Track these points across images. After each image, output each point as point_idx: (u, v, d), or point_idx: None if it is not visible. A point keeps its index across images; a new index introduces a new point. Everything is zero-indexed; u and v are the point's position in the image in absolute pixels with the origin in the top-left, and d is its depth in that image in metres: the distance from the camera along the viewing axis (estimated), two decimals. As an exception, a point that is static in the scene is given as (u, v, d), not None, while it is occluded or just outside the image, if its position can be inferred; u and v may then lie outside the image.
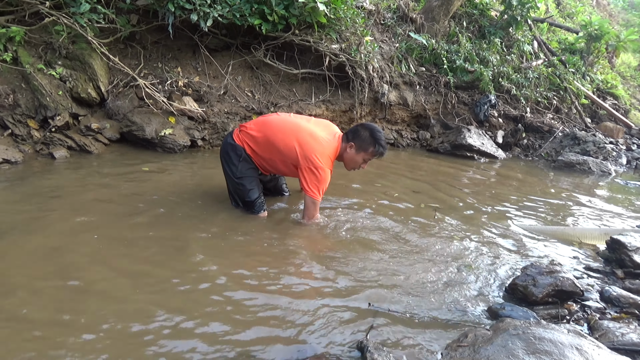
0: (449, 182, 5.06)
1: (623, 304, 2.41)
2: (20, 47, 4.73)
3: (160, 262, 2.53)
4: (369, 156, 3.18)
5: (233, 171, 3.24)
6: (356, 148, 3.13)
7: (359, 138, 3.13)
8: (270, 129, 3.13)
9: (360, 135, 3.13)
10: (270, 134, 3.11)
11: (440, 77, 7.25)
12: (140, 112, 5.11)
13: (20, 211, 3.08)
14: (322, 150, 3.03)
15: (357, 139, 3.13)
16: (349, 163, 3.23)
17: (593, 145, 6.96)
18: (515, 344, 1.67)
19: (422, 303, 2.31)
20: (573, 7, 12.06)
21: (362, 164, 3.23)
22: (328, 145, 3.09)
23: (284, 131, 3.09)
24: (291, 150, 3.03)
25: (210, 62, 5.83)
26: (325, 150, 3.05)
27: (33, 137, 4.61)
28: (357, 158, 3.17)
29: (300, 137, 3.04)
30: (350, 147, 3.14)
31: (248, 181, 3.23)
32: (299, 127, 3.10)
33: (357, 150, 3.13)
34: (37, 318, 1.95)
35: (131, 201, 3.41)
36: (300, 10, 5.48)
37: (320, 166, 2.99)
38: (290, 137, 3.04)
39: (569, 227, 3.82)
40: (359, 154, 3.15)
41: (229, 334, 1.92)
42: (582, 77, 8.89)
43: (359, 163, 3.21)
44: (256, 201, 3.26)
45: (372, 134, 3.12)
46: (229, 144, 3.27)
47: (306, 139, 3.04)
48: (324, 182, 3.03)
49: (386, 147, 3.18)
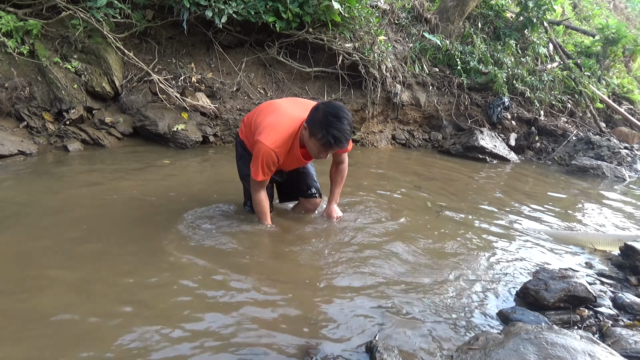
0: (459, 184, 5.03)
1: (636, 312, 2.37)
2: (37, 41, 4.79)
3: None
4: (319, 144, 2.50)
5: (238, 168, 3.08)
6: (308, 132, 2.53)
7: (312, 120, 2.51)
8: (254, 113, 2.85)
9: (314, 116, 2.50)
10: (251, 116, 2.84)
11: (454, 78, 7.21)
12: (153, 107, 5.15)
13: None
14: (273, 127, 2.60)
15: (310, 121, 2.53)
16: (308, 149, 2.65)
17: (607, 150, 6.87)
18: (527, 349, 1.65)
19: (431, 304, 2.30)
20: (590, 10, 11.91)
21: (320, 153, 2.60)
22: (285, 125, 2.62)
23: (260, 109, 2.82)
24: (255, 125, 2.72)
25: (224, 59, 5.85)
26: (278, 129, 2.59)
27: (48, 129, 4.67)
28: (310, 144, 2.57)
29: (265, 112, 2.73)
30: (304, 130, 2.57)
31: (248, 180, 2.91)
32: (272, 105, 2.79)
33: (309, 134, 2.52)
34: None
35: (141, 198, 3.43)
36: (315, 8, 5.48)
37: (261, 140, 2.55)
38: (260, 112, 2.77)
39: (582, 232, 3.78)
40: (310, 139, 2.53)
41: (238, 334, 1.92)
42: (597, 80, 8.78)
43: (315, 152, 2.60)
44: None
45: (324, 117, 2.44)
46: (236, 139, 3.07)
47: (268, 113, 2.70)
48: (264, 159, 2.58)
49: (341, 137, 2.44)
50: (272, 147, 2.55)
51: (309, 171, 3.23)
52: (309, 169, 3.24)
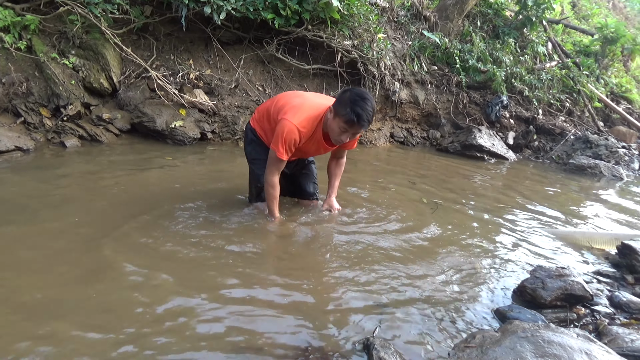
0: (457, 182, 5.03)
1: (633, 310, 2.37)
2: (35, 36, 4.77)
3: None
4: (342, 123, 2.59)
5: (246, 153, 3.13)
6: (334, 113, 2.63)
7: (338, 101, 2.62)
8: (271, 100, 2.94)
9: (341, 98, 2.62)
10: (270, 103, 2.92)
11: (453, 76, 7.21)
12: (151, 103, 5.14)
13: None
14: (299, 108, 2.71)
15: (336, 103, 2.64)
16: (330, 132, 2.72)
17: (605, 149, 6.88)
18: (523, 347, 1.65)
19: (428, 302, 2.30)
20: (589, 9, 11.91)
21: (341, 135, 2.66)
22: (310, 107, 2.74)
23: (280, 97, 2.90)
24: (276, 109, 2.80)
25: (222, 56, 5.83)
26: (302, 109, 2.71)
27: (45, 125, 4.65)
28: (333, 125, 2.64)
29: (288, 97, 2.84)
30: (330, 112, 2.67)
31: (257, 164, 3.02)
32: (295, 93, 2.93)
33: (334, 115, 2.62)
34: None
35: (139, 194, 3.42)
36: (314, 5, 5.47)
37: (286, 118, 2.66)
38: (281, 99, 2.85)
39: (579, 231, 3.78)
40: (335, 119, 2.62)
41: (235, 332, 1.91)
42: (596, 80, 8.78)
43: (336, 132, 2.65)
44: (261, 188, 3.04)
45: (351, 97, 2.56)
46: (246, 126, 3.14)
47: (292, 98, 2.81)
48: (287, 135, 2.65)
49: (364, 115, 2.53)
50: (296, 125, 2.66)
51: (311, 172, 3.37)
52: (312, 169, 3.38)
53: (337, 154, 3.20)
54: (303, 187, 3.36)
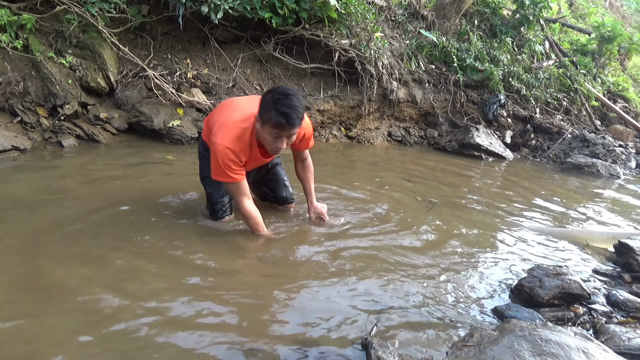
0: (454, 181, 5.04)
1: (630, 309, 2.39)
2: (31, 35, 4.75)
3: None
4: (272, 128, 2.31)
5: (199, 170, 2.91)
6: (260, 121, 2.36)
7: (261, 107, 2.34)
8: (214, 112, 2.72)
9: (263, 103, 2.34)
10: (210, 118, 2.69)
11: (450, 75, 7.21)
12: (148, 102, 5.13)
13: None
14: (225, 124, 2.46)
15: (260, 110, 2.36)
16: (264, 143, 2.47)
17: (602, 147, 6.89)
18: (521, 345, 1.66)
19: (425, 301, 2.30)
20: (586, 8, 11.92)
21: (276, 143, 2.39)
22: (236, 123, 2.46)
23: (218, 109, 2.69)
24: (211, 124, 2.60)
25: (220, 55, 5.83)
26: (228, 127, 2.44)
27: (42, 125, 4.63)
28: (264, 134, 2.38)
29: (219, 112, 2.61)
30: (257, 122, 2.40)
31: (208, 182, 2.80)
32: (227, 105, 2.66)
33: (261, 123, 2.36)
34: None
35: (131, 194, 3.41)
36: (311, 4, 5.47)
37: (215, 142, 2.42)
38: (215, 113, 2.65)
39: (577, 229, 3.80)
40: (263, 127, 2.36)
41: (232, 333, 1.91)
42: (593, 78, 8.80)
43: (270, 141, 2.39)
44: (215, 205, 2.85)
45: (272, 98, 2.28)
46: (199, 139, 2.90)
47: (221, 113, 2.57)
48: (222, 159, 2.41)
49: (291, 113, 2.26)
50: (226, 145, 2.40)
51: (279, 176, 3.14)
52: (279, 172, 3.14)
53: (299, 156, 2.97)
54: (275, 193, 3.17)
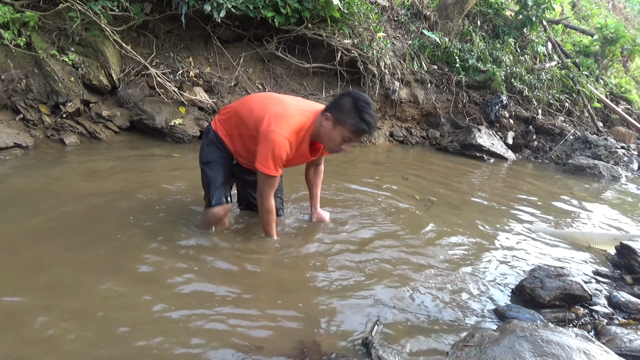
0: (456, 181, 5.03)
1: (631, 310, 2.38)
2: (34, 33, 4.75)
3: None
4: (348, 133, 2.39)
5: (201, 156, 2.75)
6: (333, 121, 2.40)
7: (338, 108, 2.40)
8: (241, 102, 2.66)
9: (340, 104, 2.40)
10: (240, 106, 2.62)
11: (452, 75, 7.20)
12: (150, 101, 5.13)
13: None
14: (284, 116, 2.43)
15: (335, 110, 2.41)
16: (325, 141, 2.50)
17: (604, 149, 6.89)
18: (522, 346, 1.66)
19: (427, 301, 2.30)
20: (589, 10, 11.91)
21: (343, 145, 2.46)
22: (296, 115, 2.46)
23: (252, 100, 2.63)
24: (251, 116, 2.51)
25: (222, 54, 5.83)
26: (288, 118, 2.43)
27: (44, 122, 4.64)
28: (333, 135, 2.42)
29: (264, 103, 2.53)
30: (326, 120, 2.42)
31: (212, 166, 2.68)
32: (270, 96, 2.64)
33: (335, 123, 2.40)
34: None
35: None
36: (314, 3, 5.46)
37: (275, 130, 2.37)
38: (254, 104, 2.57)
39: (578, 231, 3.79)
40: (335, 128, 2.40)
41: (234, 333, 1.91)
42: (595, 80, 8.79)
43: (337, 142, 2.45)
44: (216, 189, 2.65)
45: (354, 103, 2.35)
46: (205, 129, 2.81)
47: (270, 104, 2.51)
48: (278, 150, 2.39)
49: (373, 124, 2.38)
50: (286, 136, 2.39)
51: (280, 187, 3.05)
52: (280, 184, 3.04)
53: (316, 161, 2.94)
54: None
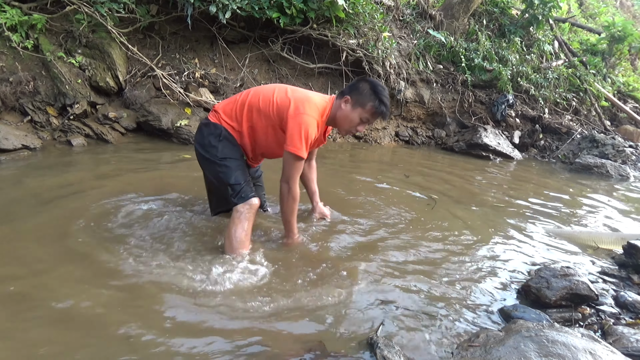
0: (462, 181, 5.02)
1: (638, 310, 2.37)
2: (42, 35, 4.80)
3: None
4: (367, 114, 2.57)
5: (212, 153, 2.57)
6: (352, 103, 2.57)
7: (357, 91, 2.57)
8: (251, 95, 2.62)
9: (359, 88, 2.58)
10: (250, 98, 2.60)
11: (458, 75, 7.18)
12: (157, 102, 5.16)
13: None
14: (310, 100, 2.54)
15: (354, 93, 2.58)
16: (343, 123, 2.62)
17: (612, 148, 6.84)
18: (527, 346, 1.65)
19: (432, 301, 2.30)
20: (596, 8, 11.84)
21: (359, 125, 2.62)
22: (318, 99, 2.60)
23: (264, 90, 2.63)
24: (270, 105, 2.53)
25: (228, 55, 5.85)
26: (313, 101, 2.54)
27: (52, 124, 4.68)
28: (352, 116, 2.58)
29: (281, 91, 2.58)
30: (345, 103, 2.58)
31: (233, 162, 2.58)
32: (281, 86, 2.68)
33: (354, 105, 2.57)
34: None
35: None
36: (319, 4, 5.47)
37: (306, 112, 2.46)
38: (269, 94, 2.58)
39: (585, 230, 3.77)
40: (355, 110, 2.57)
41: (238, 332, 1.92)
42: (602, 78, 8.73)
43: (355, 123, 2.60)
44: (242, 185, 2.55)
45: (373, 88, 2.55)
46: (203, 124, 2.67)
47: (288, 91, 2.58)
48: (309, 130, 2.46)
49: (389, 106, 2.60)
50: (315, 117, 2.49)
51: (262, 184, 3.14)
52: (262, 180, 3.15)
53: (310, 155, 2.98)
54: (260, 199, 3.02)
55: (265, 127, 2.57)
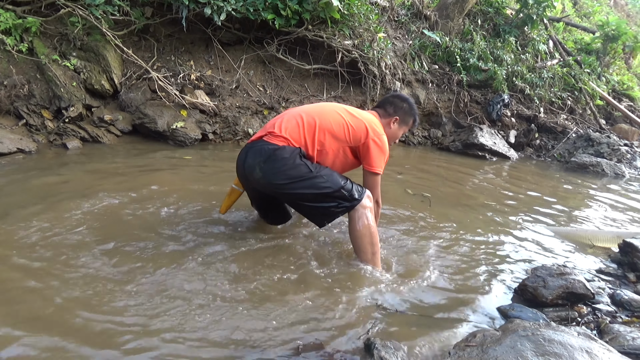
0: (458, 180, 5.03)
1: (634, 308, 2.38)
2: (36, 38, 4.78)
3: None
4: (407, 130, 2.93)
5: (303, 170, 2.42)
6: (399, 122, 2.81)
7: (402, 110, 2.81)
8: (313, 117, 2.57)
9: (403, 107, 2.81)
10: (320, 121, 2.55)
11: (453, 75, 7.20)
12: (152, 104, 5.15)
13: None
14: (376, 122, 2.67)
15: (399, 112, 2.80)
16: (390, 140, 2.79)
17: (607, 147, 6.87)
18: (524, 345, 1.65)
19: (429, 301, 2.30)
20: (590, 7, 11.89)
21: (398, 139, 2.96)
22: (376, 120, 2.72)
23: (328, 113, 2.60)
24: (345, 129, 2.54)
25: (223, 56, 5.84)
26: (378, 123, 2.68)
27: (47, 127, 4.67)
28: (399, 133, 2.87)
29: (350, 114, 2.61)
30: (394, 122, 2.80)
31: (328, 170, 2.53)
32: (340, 107, 2.70)
33: (400, 124, 2.82)
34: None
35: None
36: (314, 5, 5.47)
37: (382, 134, 2.63)
38: (337, 116, 2.58)
39: (581, 229, 3.78)
40: (401, 128, 2.84)
41: (236, 328, 1.92)
42: (597, 77, 8.77)
43: (398, 138, 2.92)
44: (347, 187, 2.49)
45: (410, 105, 2.84)
46: (272, 150, 2.44)
47: (356, 113, 2.63)
48: (387, 151, 2.65)
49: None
50: (386, 138, 2.66)
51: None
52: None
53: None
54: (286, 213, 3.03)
55: (337, 149, 2.58)
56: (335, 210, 2.51)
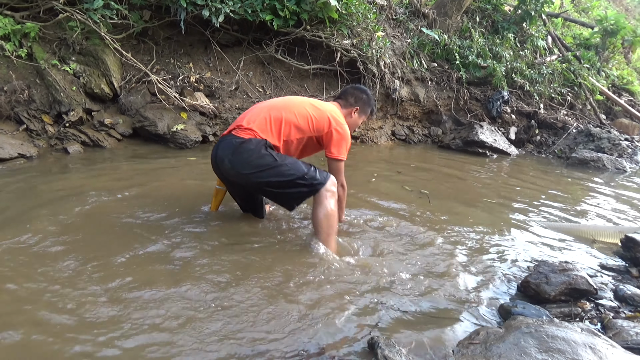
0: (459, 178, 5.03)
1: (637, 303, 2.37)
2: (35, 43, 4.79)
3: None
4: (366, 119, 3.14)
5: (268, 160, 2.57)
6: (359, 112, 3.02)
7: (362, 101, 3.02)
8: (283, 110, 2.74)
9: (362, 98, 3.02)
10: (286, 115, 2.71)
11: (453, 72, 7.20)
12: (152, 107, 5.15)
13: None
14: (337, 112, 2.86)
15: (359, 103, 3.01)
16: (351, 129, 2.96)
17: (608, 142, 6.86)
18: (527, 342, 1.66)
19: (432, 300, 2.30)
20: (588, 2, 11.88)
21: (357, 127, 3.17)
22: (338, 111, 2.91)
23: (293, 106, 2.77)
24: (309, 121, 2.72)
25: (222, 58, 5.85)
26: (340, 114, 2.88)
27: (47, 132, 4.68)
28: (358, 122, 3.06)
29: (313, 106, 2.79)
30: (355, 112, 3.01)
31: (291, 159, 2.69)
32: (307, 100, 2.90)
33: (359, 113, 3.03)
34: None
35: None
36: (312, 5, 5.48)
37: (344, 124, 2.81)
38: (302, 109, 2.75)
39: (583, 224, 3.78)
40: (360, 117, 3.05)
41: (238, 330, 1.92)
42: (597, 72, 8.76)
43: (357, 127, 3.15)
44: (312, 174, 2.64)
45: (369, 97, 3.05)
46: (238, 143, 2.63)
47: (319, 106, 2.81)
48: (349, 139, 2.82)
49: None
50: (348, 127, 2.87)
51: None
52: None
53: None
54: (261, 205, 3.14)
55: (301, 139, 2.78)
56: (301, 195, 2.72)
